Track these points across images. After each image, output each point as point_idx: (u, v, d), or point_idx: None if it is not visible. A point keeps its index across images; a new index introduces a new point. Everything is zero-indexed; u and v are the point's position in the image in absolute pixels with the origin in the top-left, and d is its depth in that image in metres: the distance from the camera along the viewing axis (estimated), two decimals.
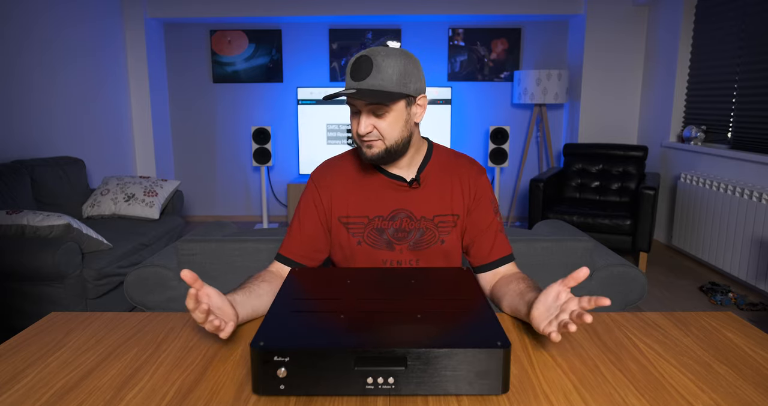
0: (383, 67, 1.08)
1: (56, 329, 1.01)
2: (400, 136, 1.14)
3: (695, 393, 0.78)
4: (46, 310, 2.36)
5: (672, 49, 4.11)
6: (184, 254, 1.66)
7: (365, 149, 1.15)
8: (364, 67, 1.08)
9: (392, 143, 1.14)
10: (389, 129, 1.12)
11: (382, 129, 1.12)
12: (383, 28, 4.88)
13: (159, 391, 0.79)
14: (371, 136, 1.13)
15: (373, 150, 1.14)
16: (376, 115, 1.11)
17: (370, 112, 1.11)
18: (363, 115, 1.12)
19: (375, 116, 1.12)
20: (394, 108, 1.12)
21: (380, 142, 1.13)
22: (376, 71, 1.08)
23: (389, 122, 1.12)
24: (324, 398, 0.76)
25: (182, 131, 5.11)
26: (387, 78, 1.08)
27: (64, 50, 3.72)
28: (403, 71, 1.10)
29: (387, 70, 1.08)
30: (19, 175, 2.96)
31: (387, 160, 1.17)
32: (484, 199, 1.25)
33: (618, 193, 4.03)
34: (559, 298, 0.90)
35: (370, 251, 1.22)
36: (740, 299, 2.96)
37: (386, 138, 1.13)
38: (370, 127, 1.11)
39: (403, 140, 1.15)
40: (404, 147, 1.17)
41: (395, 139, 1.14)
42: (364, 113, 1.11)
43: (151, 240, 3.10)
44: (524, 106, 5.02)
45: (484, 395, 0.76)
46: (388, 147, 1.14)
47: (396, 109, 1.12)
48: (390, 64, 1.09)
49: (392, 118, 1.12)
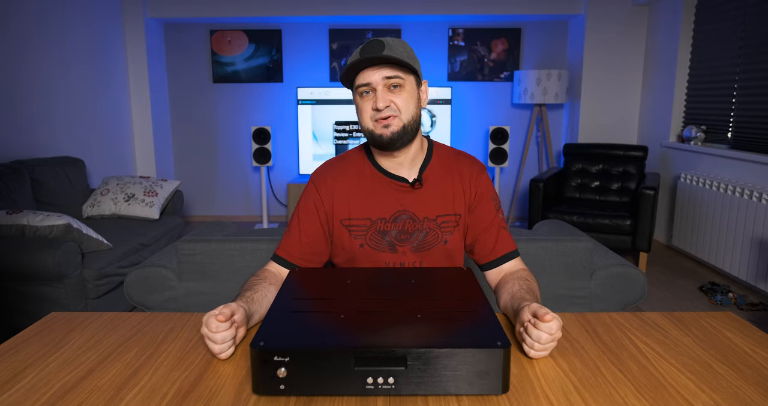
0: (393, 46, 1.14)
1: (56, 329, 1.00)
2: (415, 114, 1.18)
3: (695, 393, 0.78)
4: (46, 310, 2.36)
5: (672, 49, 4.11)
6: (184, 254, 1.66)
7: (382, 130, 1.15)
8: (375, 44, 1.13)
9: (408, 119, 1.16)
10: (405, 104, 1.15)
11: (399, 104, 1.15)
12: (383, 28, 4.88)
13: (159, 391, 0.79)
14: (389, 111, 1.14)
15: (392, 128, 1.15)
16: (392, 91, 1.14)
17: (386, 89, 1.14)
18: (379, 93, 1.13)
19: (391, 93, 1.14)
20: (408, 82, 1.16)
21: (397, 119, 1.15)
22: (388, 48, 1.12)
23: (404, 98, 1.15)
24: (324, 398, 0.76)
25: (182, 131, 5.11)
26: (400, 53, 1.13)
27: (64, 50, 3.72)
28: (410, 52, 1.17)
29: (398, 48, 1.14)
30: (19, 175, 2.96)
31: (403, 140, 1.17)
32: (485, 197, 1.25)
33: (618, 194, 4.03)
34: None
35: (372, 254, 1.21)
36: (740, 299, 2.96)
37: (402, 113, 1.15)
38: (388, 101, 1.14)
39: (415, 119, 1.18)
40: (416, 128, 1.19)
41: (411, 115, 1.16)
42: (380, 90, 1.14)
43: (151, 240, 3.10)
44: (524, 106, 5.02)
45: (484, 395, 0.76)
46: (405, 124, 1.16)
47: (409, 85, 1.16)
48: (398, 44, 1.15)
49: (407, 93, 1.16)
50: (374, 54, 1.10)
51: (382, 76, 1.12)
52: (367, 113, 1.16)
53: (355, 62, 1.11)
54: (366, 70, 1.13)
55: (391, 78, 1.13)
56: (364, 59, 1.10)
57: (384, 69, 1.12)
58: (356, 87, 1.16)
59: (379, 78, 1.12)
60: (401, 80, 1.14)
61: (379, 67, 1.12)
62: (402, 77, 1.14)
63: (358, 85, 1.15)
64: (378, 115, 1.14)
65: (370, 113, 1.15)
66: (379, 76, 1.12)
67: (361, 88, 1.15)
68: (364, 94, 1.16)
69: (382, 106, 1.13)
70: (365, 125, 1.17)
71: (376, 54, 1.10)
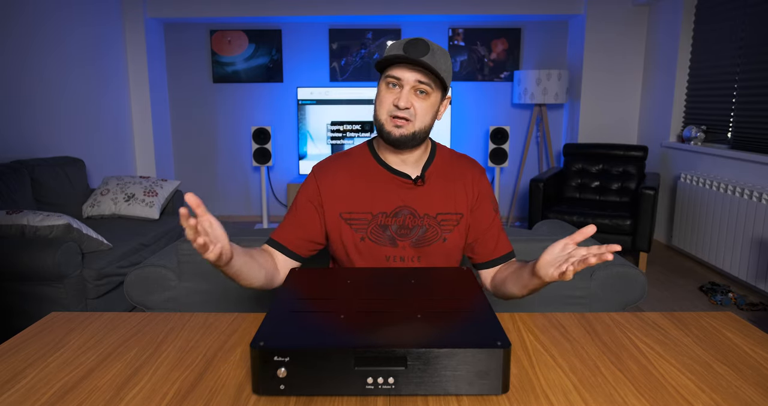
0: (438, 54, 1.13)
1: (56, 329, 1.00)
2: (428, 124, 1.18)
3: (695, 393, 0.78)
4: (46, 310, 2.36)
5: (672, 49, 4.11)
6: (184, 254, 1.66)
7: (392, 128, 1.15)
8: (421, 46, 1.11)
9: (420, 128, 1.16)
10: (423, 113, 1.15)
11: (419, 110, 1.14)
12: (383, 28, 4.88)
13: (159, 391, 0.79)
14: (406, 113, 1.13)
15: (402, 130, 1.14)
16: (417, 96, 1.14)
17: (413, 91, 1.14)
18: (405, 91, 1.13)
19: (416, 96, 1.14)
20: (434, 94, 1.16)
21: (411, 124, 1.15)
22: (432, 55, 1.12)
23: (426, 107, 1.15)
24: (324, 398, 0.76)
25: (182, 131, 5.11)
26: (439, 65, 1.12)
27: (64, 50, 3.72)
28: (449, 66, 1.17)
29: (441, 58, 1.13)
30: (19, 175, 2.96)
31: (409, 144, 1.17)
32: (485, 199, 1.27)
33: (618, 194, 4.03)
34: (566, 248, 0.96)
35: (373, 247, 1.23)
36: (740, 299, 2.96)
37: (418, 120, 1.15)
38: (409, 103, 1.13)
39: (427, 129, 1.18)
40: (425, 136, 1.20)
41: (424, 125, 1.16)
42: (406, 89, 1.13)
43: (151, 240, 3.10)
44: (524, 106, 5.02)
45: (484, 395, 0.76)
46: (416, 131, 1.15)
47: (434, 96, 1.16)
48: (442, 54, 1.14)
49: (430, 103, 1.16)
50: (417, 56, 1.10)
51: (416, 78, 1.12)
52: (386, 105, 1.15)
53: (394, 57, 1.10)
54: (404, 66, 1.13)
55: (423, 83, 1.13)
56: (405, 57, 1.09)
57: (420, 73, 1.12)
58: (386, 76, 1.15)
59: (411, 78, 1.12)
60: (430, 89, 1.14)
61: (417, 69, 1.12)
62: (432, 86, 1.14)
63: (389, 74, 1.14)
64: (396, 112, 1.14)
65: (388, 107, 1.15)
66: (412, 77, 1.12)
67: (390, 78, 1.14)
68: (391, 86, 1.15)
69: (404, 105, 1.13)
70: (379, 116, 1.17)
71: (420, 56, 1.10)
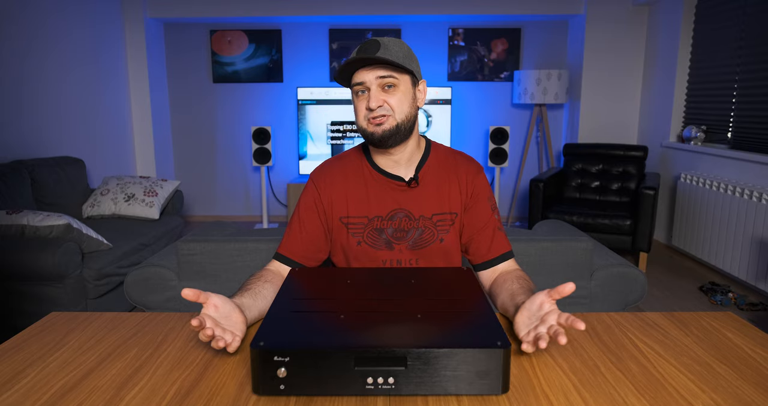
0: (390, 46, 1.15)
1: (56, 329, 1.00)
2: (409, 113, 1.18)
3: (695, 393, 0.78)
4: (46, 310, 2.36)
5: (672, 49, 4.11)
6: (184, 254, 1.66)
7: (374, 129, 1.16)
8: (372, 45, 1.14)
9: (402, 118, 1.16)
10: (399, 104, 1.16)
11: (393, 104, 1.15)
12: (383, 28, 4.88)
13: (159, 391, 0.79)
14: (382, 111, 1.15)
15: (383, 126, 1.15)
16: (386, 91, 1.15)
17: (380, 89, 1.15)
18: (372, 92, 1.14)
19: (385, 92, 1.15)
20: (402, 82, 1.16)
21: (390, 118, 1.15)
22: (384, 48, 1.13)
23: (398, 98, 1.16)
24: (324, 398, 0.76)
25: (182, 131, 5.11)
26: (394, 54, 1.14)
27: (64, 50, 3.72)
28: (407, 52, 1.17)
29: (393, 48, 1.15)
30: (19, 175, 2.96)
31: (396, 139, 1.17)
32: (481, 197, 1.25)
33: (618, 194, 4.03)
34: (542, 308, 0.90)
35: (370, 252, 1.22)
36: (740, 299, 2.96)
37: (396, 113, 1.16)
38: (381, 101, 1.14)
39: (410, 118, 1.18)
40: (411, 127, 1.20)
41: (404, 115, 1.17)
42: (373, 90, 1.15)
43: (151, 240, 3.10)
44: (524, 106, 5.02)
45: (484, 395, 0.76)
46: (399, 123, 1.16)
47: (404, 85, 1.16)
48: (395, 44, 1.16)
49: (401, 93, 1.16)
50: (369, 54, 1.11)
51: (376, 75, 1.14)
52: (362, 112, 1.17)
53: (349, 62, 1.12)
54: (361, 69, 1.15)
55: (385, 78, 1.14)
56: (358, 59, 1.11)
57: (378, 69, 1.14)
58: (352, 86, 1.18)
59: (372, 78, 1.14)
60: (395, 80, 1.15)
61: (374, 67, 1.14)
62: (396, 77, 1.15)
63: (353, 84, 1.17)
64: (371, 114, 1.15)
65: (363, 113, 1.17)
66: (372, 76, 1.14)
67: (356, 87, 1.16)
68: (359, 94, 1.17)
69: (375, 105, 1.14)
70: (359, 124, 1.19)
71: (371, 54, 1.11)
